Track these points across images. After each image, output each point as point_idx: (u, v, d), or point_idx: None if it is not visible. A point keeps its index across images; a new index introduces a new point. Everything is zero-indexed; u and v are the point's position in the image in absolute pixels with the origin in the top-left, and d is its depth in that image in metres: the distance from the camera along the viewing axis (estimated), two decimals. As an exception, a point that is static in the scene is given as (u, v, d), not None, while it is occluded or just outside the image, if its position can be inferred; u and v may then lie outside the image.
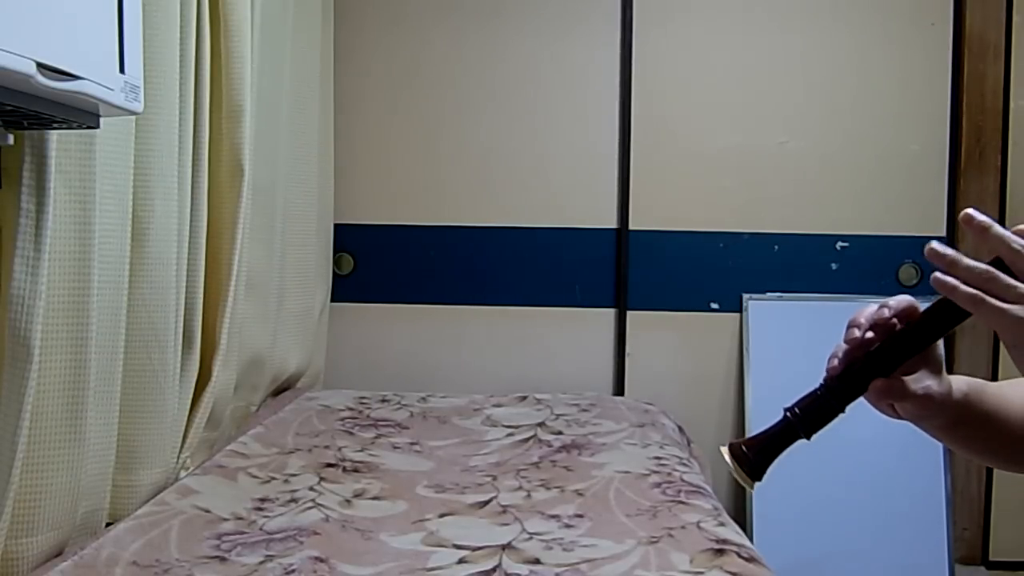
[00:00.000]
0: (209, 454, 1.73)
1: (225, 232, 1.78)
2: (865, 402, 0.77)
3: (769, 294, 2.50)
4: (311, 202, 2.29)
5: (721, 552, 1.26)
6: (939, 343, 0.76)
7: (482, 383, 2.50)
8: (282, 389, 2.27)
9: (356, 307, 2.60)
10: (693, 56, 2.51)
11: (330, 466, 1.67)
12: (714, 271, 2.52)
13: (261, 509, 1.44)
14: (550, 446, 1.83)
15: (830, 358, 0.77)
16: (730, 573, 1.19)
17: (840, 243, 2.50)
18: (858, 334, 0.74)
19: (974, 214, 0.67)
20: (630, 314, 2.54)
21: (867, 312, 0.76)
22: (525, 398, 2.25)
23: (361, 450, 1.78)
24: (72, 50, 0.92)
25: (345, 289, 2.59)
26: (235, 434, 1.86)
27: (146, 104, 1.23)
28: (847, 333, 0.76)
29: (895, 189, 2.49)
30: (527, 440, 1.88)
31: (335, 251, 2.56)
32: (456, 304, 2.58)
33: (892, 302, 0.76)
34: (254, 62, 1.83)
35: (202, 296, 1.70)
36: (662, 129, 2.51)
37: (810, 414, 0.77)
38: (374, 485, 1.58)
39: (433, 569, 1.24)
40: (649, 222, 2.52)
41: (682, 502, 1.48)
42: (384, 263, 2.59)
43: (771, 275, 2.50)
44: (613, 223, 2.54)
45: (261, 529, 1.35)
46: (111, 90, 1.00)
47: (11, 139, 1.08)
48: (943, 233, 2.47)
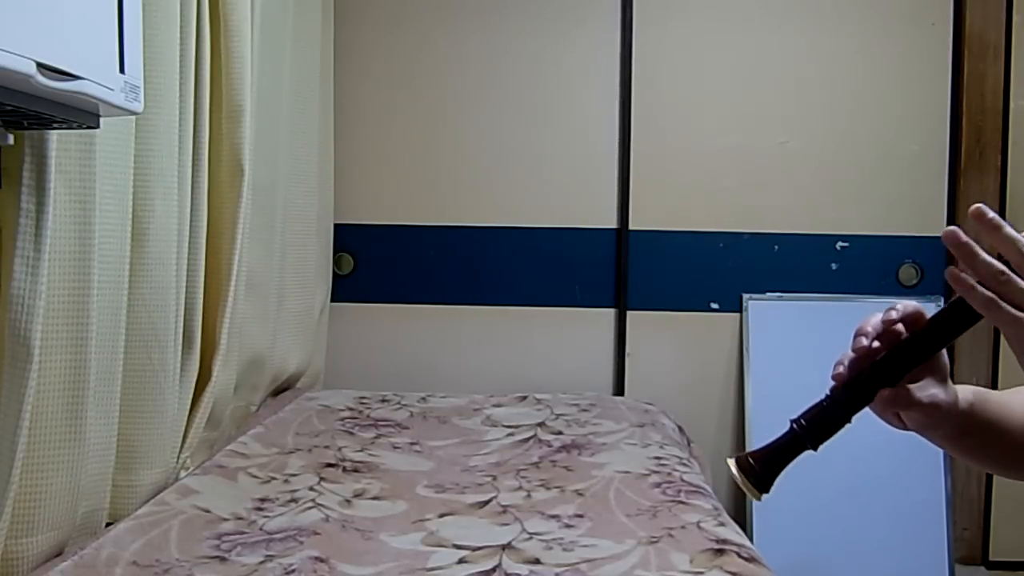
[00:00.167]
0: (209, 454, 1.73)
1: (225, 232, 1.78)
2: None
3: (769, 294, 2.50)
4: (311, 202, 2.29)
5: (721, 552, 1.26)
6: (943, 352, 0.76)
7: (482, 383, 2.50)
8: (282, 389, 2.27)
9: (356, 307, 2.60)
10: (693, 56, 2.51)
11: (330, 466, 1.67)
12: (714, 271, 2.52)
13: (261, 509, 1.44)
14: (550, 446, 1.83)
15: (836, 365, 0.76)
16: (730, 573, 1.19)
17: (840, 243, 2.50)
18: (865, 342, 0.73)
19: (986, 210, 0.65)
20: (630, 314, 2.54)
21: (874, 320, 0.75)
22: (525, 398, 2.25)
23: (361, 450, 1.78)
24: (72, 50, 0.92)
25: (345, 289, 2.59)
26: (235, 434, 1.86)
27: (146, 104, 1.23)
28: (854, 341, 0.74)
29: (895, 189, 2.49)
30: (527, 440, 1.88)
31: (335, 251, 2.56)
32: (456, 304, 2.58)
33: (900, 307, 0.75)
34: (254, 62, 1.83)
35: (202, 296, 1.70)
36: (662, 129, 2.51)
37: (816, 425, 0.76)
38: (374, 485, 1.58)
39: (433, 569, 1.23)
40: (649, 222, 2.52)
41: (682, 502, 1.48)
42: (384, 263, 2.59)
43: (771, 275, 2.50)
44: (613, 223, 2.54)
45: (261, 529, 1.35)
46: (111, 90, 1.00)
47: (11, 139, 1.08)
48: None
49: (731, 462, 0.78)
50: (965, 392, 0.80)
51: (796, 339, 2.47)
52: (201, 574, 1.19)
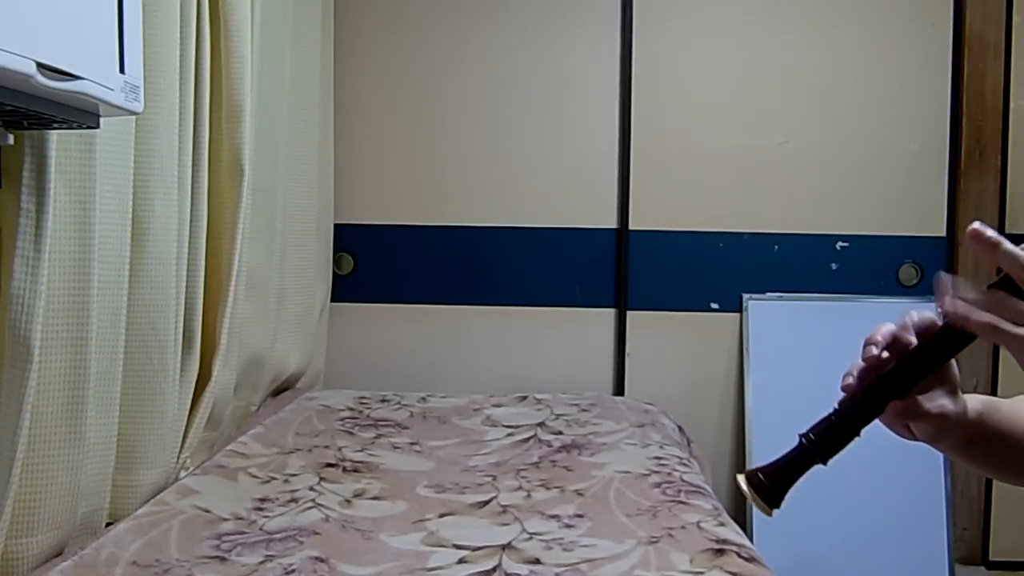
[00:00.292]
0: (209, 454, 1.73)
1: (225, 232, 1.78)
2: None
3: (769, 294, 2.50)
4: (311, 202, 2.29)
5: (721, 552, 1.26)
6: (953, 362, 0.76)
7: (482, 383, 2.50)
8: (282, 389, 2.27)
9: (356, 307, 2.60)
10: (693, 56, 2.51)
11: (330, 466, 1.67)
12: (714, 271, 2.52)
13: (261, 509, 1.44)
14: (550, 446, 1.83)
15: (844, 376, 0.75)
16: (730, 573, 1.19)
17: (840, 243, 2.50)
18: (875, 351, 0.73)
19: (983, 229, 0.66)
20: (630, 314, 2.54)
21: (884, 330, 0.74)
22: (525, 398, 2.25)
23: (361, 450, 1.78)
24: (72, 50, 0.92)
25: (345, 289, 2.59)
26: (235, 434, 1.86)
27: (146, 104, 1.23)
28: (864, 350, 0.74)
29: (895, 189, 2.49)
30: (527, 440, 1.88)
31: (335, 251, 2.56)
32: (456, 304, 2.58)
33: (915, 317, 0.74)
34: (254, 62, 1.83)
35: (202, 296, 1.70)
36: (662, 129, 2.51)
37: (825, 439, 0.76)
38: (374, 485, 1.58)
39: (433, 569, 1.24)
40: (649, 222, 2.52)
41: (682, 502, 1.48)
42: (384, 263, 2.59)
43: (771, 275, 2.50)
44: (613, 223, 2.54)
45: (261, 529, 1.35)
46: (111, 90, 1.00)
47: (11, 139, 1.08)
48: (943, 233, 2.47)
49: (741, 478, 0.78)
50: (974, 402, 0.79)
51: (796, 339, 2.47)
52: (201, 574, 1.19)
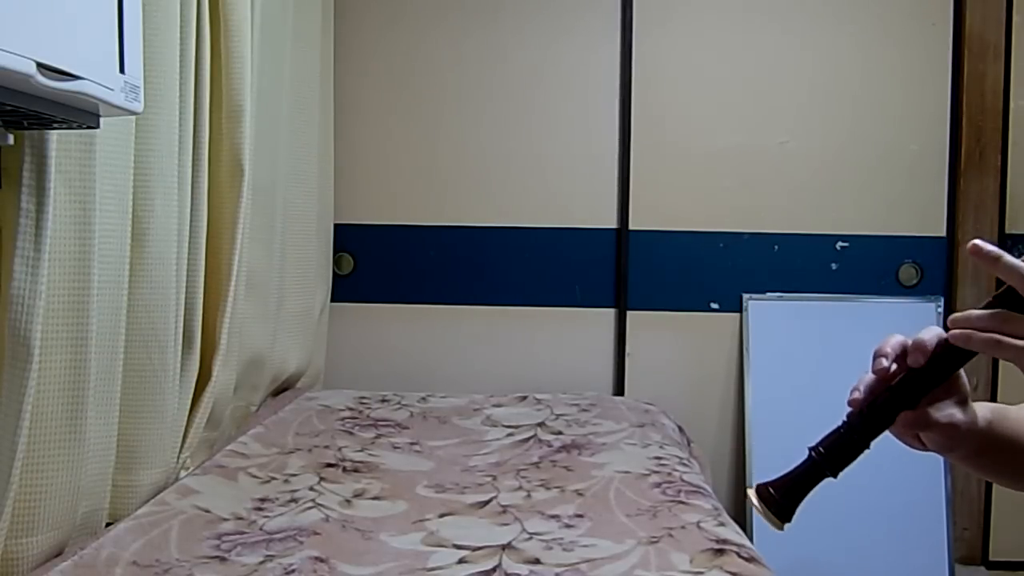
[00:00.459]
0: (209, 454, 1.73)
1: (225, 232, 1.78)
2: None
3: (769, 294, 2.50)
4: (311, 202, 2.29)
5: (721, 552, 1.26)
6: (962, 372, 0.76)
7: (482, 383, 2.50)
8: (282, 389, 2.27)
9: (356, 307, 2.60)
10: (693, 56, 2.51)
11: (330, 466, 1.67)
12: (714, 271, 2.52)
13: (261, 509, 1.44)
14: (550, 446, 1.83)
15: (852, 390, 0.76)
16: (730, 573, 1.19)
17: (840, 243, 2.50)
18: (885, 364, 0.73)
19: (982, 245, 0.67)
20: (630, 314, 2.54)
21: (893, 341, 0.75)
22: (525, 398, 2.25)
23: (361, 450, 1.78)
24: (72, 50, 0.92)
25: (345, 289, 2.59)
26: (235, 434, 1.86)
27: (146, 104, 1.23)
28: (874, 363, 0.74)
29: (895, 189, 2.49)
30: (527, 440, 1.88)
31: (335, 251, 2.56)
32: (456, 304, 2.58)
33: (927, 337, 0.73)
34: (254, 62, 1.83)
35: (202, 296, 1.70)
36: (662, 129, 2.51)
37: (835, 452, 0.76)
38: (374, 485, 1.58)
39: (433, 569, 1.24)
40: (649, 222, 2.52)
41: (682, 502, 1.48)
42: (384, 263, 2.59)
43: (771, 275, 2.50)
44: (613, 223, 2.54)
45: (261, 529, 1.35)
46: (111, 90, 1.00)
47: (11, 139, 1.08)
48: (943, 233, 2.47)
49: (752, 493, 0.78)
50: (983, 410, 0.80)
51: (796, 339, 2.47)
52: (201, 574, 1.19)
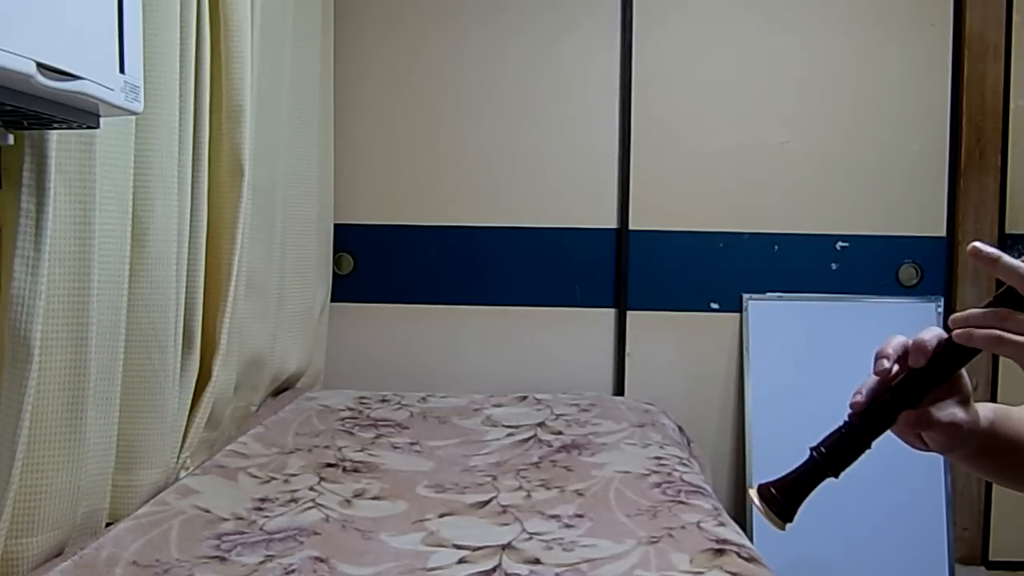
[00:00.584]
0: (209, 454, 1.73)
1: (225, 232, 1.78)
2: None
3: (769, 294, 2.50)
4: (311, 202, 2.29)
5: (721, 552, 1.26)
6: (964, 372, 0.76)
7: (482, 383, 2.50)
8: (282, 389, 2.27)
9: (356, 307, 2.60)
10: (693, 56, 2.51)
11: (330, 466, 1.67)
12: (714, 271, 2.52)
13: (261, 509, 1.44)
14: (550, 446, 1.83)
15: (854, 394, 0.76)
16: (730, 573, 1.19)
17: (840, 243, 2.50)
18: (887, 365, 0.74)
19: (981, 247, 0.68)
20: (630, 314, 2.54)
21: (895, 342, 0.75)
22: (525, 398, 2.25)
23: (361, 450, 1.78)
24: (72, 50, 0.92)
25: (345, 289, 2.59)
26: (235, 434, 1.86)
27: (146, 104, 1.23)
28: (876, 364, 0.75)
29: (895, 189, 2.49)
30: (527, 440, 1.88)
31: (335, 251, 2.56)
32: (456, 304, 2.58)
33: (927, 337, 0.74)
34: (254, 62, 1.83)
35: (202, 296, 1.70)
36: (662, 129, 2.51)
37: (837, 452, 0.76)
38: (374, 485, 1.58)
39: (433, 569, 1.24)
40: (649, 222, 2.52)
41: (682, 502, 1.48)
42: (384, 263, 2.59)
43: (771, 275, 2.50)
44: (613, 223, 2.54)
45: (261, 529, 1.35)
46: (111, 90, 1.00)
47: (11, 139, 1.08)
48: (943, 233, 2.47)
49: (753, 493, 0.78)
50: (985, 411, 0.80)
51: (796, 339, 2.47)
52: (201, 574, 1.19)
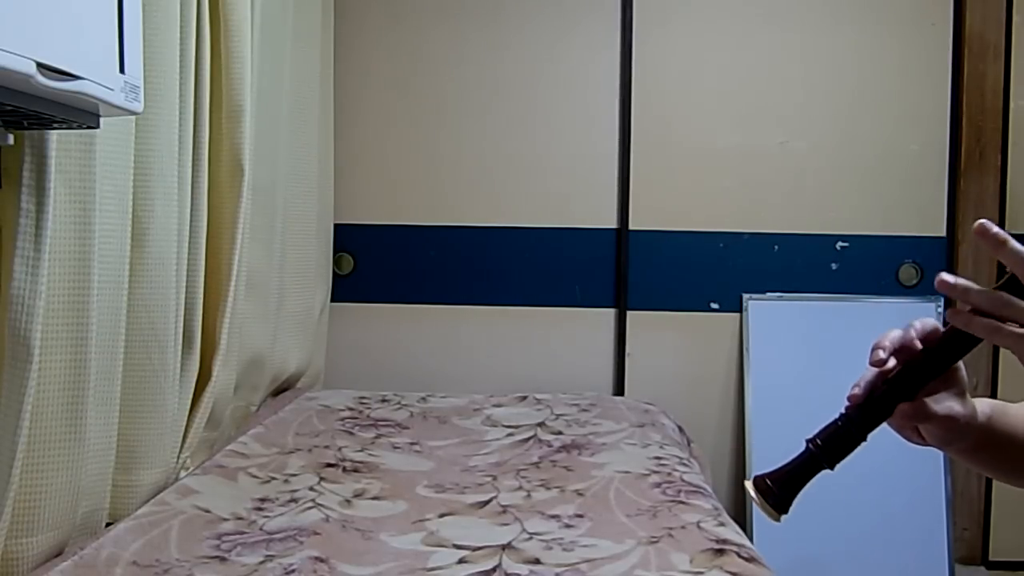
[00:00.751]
0: (209, 454, 1.73)
1: (225, 232, 1.78)
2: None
3: (769, 294, 2.50)
4: (311, 202, 2.29)
5: (721, 552, 1.26)
6: (961, 365, 0.76)
7: (482, 383, 2.50)
8: (282, 389, 2.27)
9: (356, 307, 2.60)
10: (693, 56, 2.51)
11: (330, 466, 1.67)
12: (714, 271, 2.52)
13: (261, 509, 1.44)
14: (550, 446, 1.83)
15: (852, 387, 0.76)
16: (730, 573, 1.19)
17: (840, 243, 2.50)
18: (883, 355, 0.74)
19: (989, 226, 0.66)
20: (630, 314, 2.54)
21: (892, 335, 0.75)
22: (525, 398, 2.25)
23: (361, 450, 1.78)
24: (72, 50, 0.92)
25: (345, 289, 2.59)
26: (235, 434, 1.86)
27: (146, 104, 1.23)
28: (872, 354, 0.75)
29: (895, 189, 2.49)
30: (527, 440, 1.88)
31: (335, 251, 2.56)
32: (456, 304, 2.58)
33: (919, 324, 0.74)
34: (254, 62, 1.83)
35: (202, 296, 1.70)
36: (662, 129, 2.51)
37: (832, 444, 0.76)
38: (374, 485, 1.58)
39: (433, 569, 1.24)
40: (649, 222, 2.52)
41: (682, 502, 1.48)
42: (384, 263, 2.59)
43: (771, 275, 2.50)
44: (613, 223, 2.54)
45: (261, 529, 1.35)
46: (111, 90, 1.00)
47: (11, 139, 1.08)
48: (943, 233, 2.47)
49: (749, 484, 0.78)
50: (983, 405, 0.80)
51: (796, 339, 2.47)
52: (201, 574, 1.19)
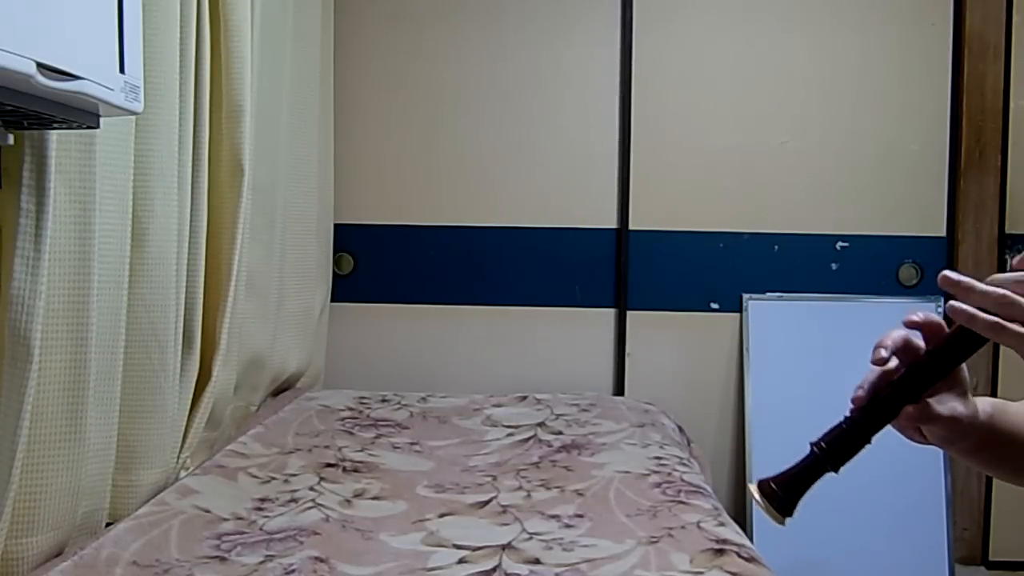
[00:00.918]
0: (209, 454, 1.73)
1: (225, 232, 1.78)
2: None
3: (769, 294, 2.50)
4: (311, 202, 2.29)
5: (721, 552, 1.26)
6: (963, 366, 0.76)
7: (482, 383, 2.50)
8: (282, 389, 2.27)
9: (356, 307, 2.60)
10: (693, 56, 2.51)
11: (330, 466, 1.67)
12: (714, 271, 2.52)
13: (261, 509, 1.44)
14: (550, 446, 1.83)
15: (856, 388, 0.76)
16: (730, 573, 1.19)
17: (840, 243, 2.50)
18: (884, 354, 0.74)
19: (952, 276, 0.68)
20: (630, 314, 2.54)
21: (894, 335, 0.75)
22: (525, 398, 2.25)
23: (361, 450, 1.78)
24: (72, 50, 0.92)
25: (345, 289, 2.59)
26: (235, 434, 1.86)
27: (146, 104, 1.23)
28: (873, 353, 0.75)
29: (895, 189, 2.49)
30: (527, 440, 1.88)
31: (335, 251, 2.56)
32: (456, 304, 2.58)
33: (919, 316, 0.74)
34: (254, 62, 1.83)
35: (202, 296, 1.70)
36: (662, 129, 2.51)
37: (837, 447, 0.76)
38: (374, 485, 1.58)
39: (433, 569, 1.24)
40: (649, 222, 2.52)
41: (682, 502, 1.48)
42: (384, 263, 2.60)
43: (771, 275, 2.50)
44: (613, 223, 2.54)
45: (261, 529, 1.35)
46: (111, 90, 1.00)
47: (11, 139, 1.08)
48: (943, 233, 2.47)
49: (753, 488, 0.78)
50: (984, 404, 0.80)
51: (796, 339, 2.47)
52: (201, 574, 1.19)
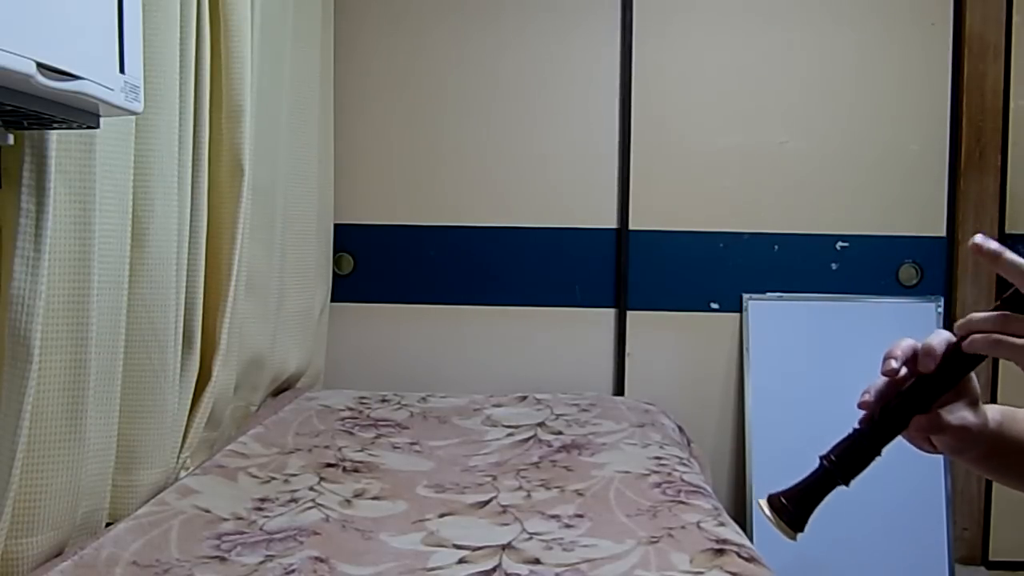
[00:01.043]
0: (209, 454, 1.73)
1: (225, 232, 1.78)
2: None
3: (769, 294, 2.50)
4: (311, 202, 2.29)
5: (721, 552, 1.26)
6: (972, 375, 0.76)
7: (482, 383, 2.50)
8: (282, 389, 2.27)
9: (356, 307, 2.60)
10: (693, 56, 2.51)
11: (330, 466, 1.67)
12: (714, 271, 2.52)
13: (261, 509, 1.44)
14: (550, 446, 1.83)
15: (862, 393, 0.76)
16: (730, 573, 1.19)
17: (840, 243, 2.50)
18: (895, 365, 0.73)
19: (983, 242, 0.67)
20: (630, 314, 2.54)
21: (904, 344, 0.75)
22: (525, 398, 2.25)
23: (361, 450, 1.78)
24: (72, 50, 0.92)
25: (345, 289, 2.59)
26: (235, 434, 1.86)
27: (146, 104, 1.23)
28: (884, 364, 0.74)
29: (895, 189, 2.49)
30: (527, 440, 1.88)
31: (335, 251, 2.56)
32: (456, 304, 2.58)
33: (935, 342, 0.73)
34: (254, 62, 1.83)
35: (202, 296, 1.70)
36: (662, 129, 2.51)
37: (847, 460, 0.76)
38: (374, 485, 1.58)
39: (433, 569, 1.24)
40: (649, 222, 2.52)
41: (682, 502, 1.48)
42: (384, 263, 2.59)
43: (771, 275, 2.50)
44: (613, 223, 2.54)
45: (261, 529, 1.35)
46: (111, 90, 1.00)
47: (11, 139, 1.08)
48: (943, 233, 2.47)
49: (763, 503, 0.77)
50: (994, 412, 0.80)
51: (796, 339, 2.47)
52: (201, 574, 1.19)
